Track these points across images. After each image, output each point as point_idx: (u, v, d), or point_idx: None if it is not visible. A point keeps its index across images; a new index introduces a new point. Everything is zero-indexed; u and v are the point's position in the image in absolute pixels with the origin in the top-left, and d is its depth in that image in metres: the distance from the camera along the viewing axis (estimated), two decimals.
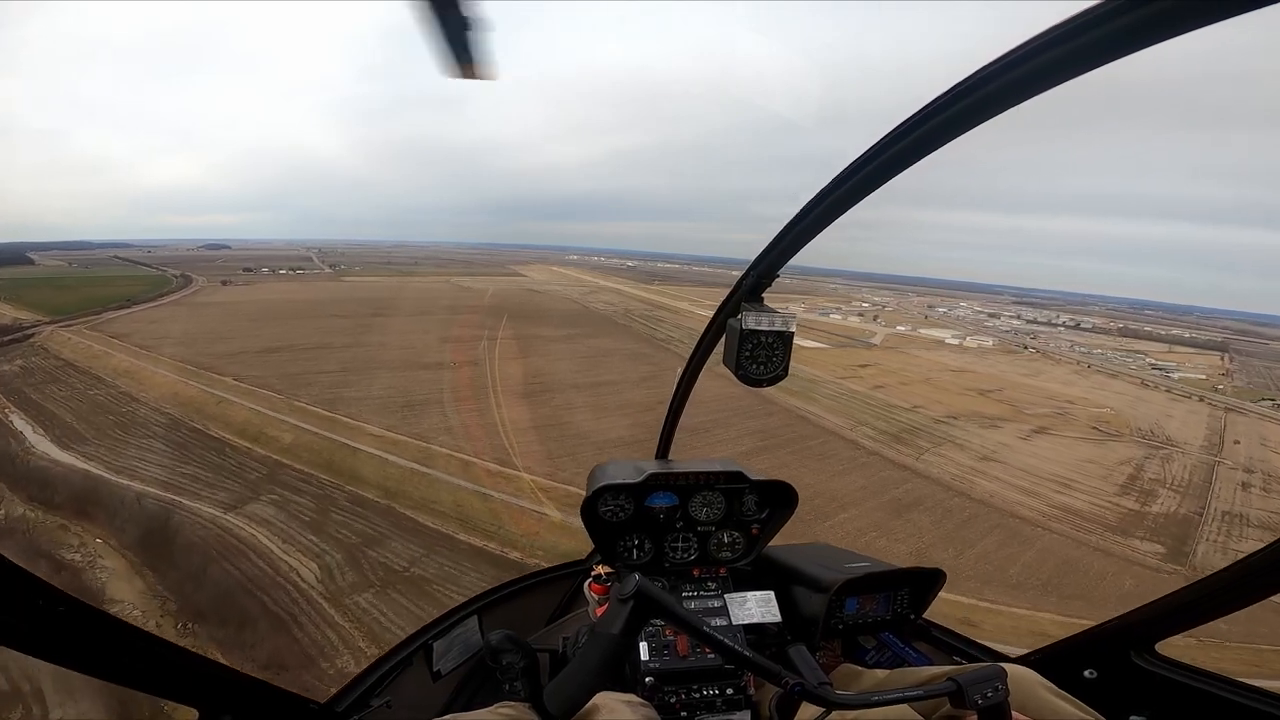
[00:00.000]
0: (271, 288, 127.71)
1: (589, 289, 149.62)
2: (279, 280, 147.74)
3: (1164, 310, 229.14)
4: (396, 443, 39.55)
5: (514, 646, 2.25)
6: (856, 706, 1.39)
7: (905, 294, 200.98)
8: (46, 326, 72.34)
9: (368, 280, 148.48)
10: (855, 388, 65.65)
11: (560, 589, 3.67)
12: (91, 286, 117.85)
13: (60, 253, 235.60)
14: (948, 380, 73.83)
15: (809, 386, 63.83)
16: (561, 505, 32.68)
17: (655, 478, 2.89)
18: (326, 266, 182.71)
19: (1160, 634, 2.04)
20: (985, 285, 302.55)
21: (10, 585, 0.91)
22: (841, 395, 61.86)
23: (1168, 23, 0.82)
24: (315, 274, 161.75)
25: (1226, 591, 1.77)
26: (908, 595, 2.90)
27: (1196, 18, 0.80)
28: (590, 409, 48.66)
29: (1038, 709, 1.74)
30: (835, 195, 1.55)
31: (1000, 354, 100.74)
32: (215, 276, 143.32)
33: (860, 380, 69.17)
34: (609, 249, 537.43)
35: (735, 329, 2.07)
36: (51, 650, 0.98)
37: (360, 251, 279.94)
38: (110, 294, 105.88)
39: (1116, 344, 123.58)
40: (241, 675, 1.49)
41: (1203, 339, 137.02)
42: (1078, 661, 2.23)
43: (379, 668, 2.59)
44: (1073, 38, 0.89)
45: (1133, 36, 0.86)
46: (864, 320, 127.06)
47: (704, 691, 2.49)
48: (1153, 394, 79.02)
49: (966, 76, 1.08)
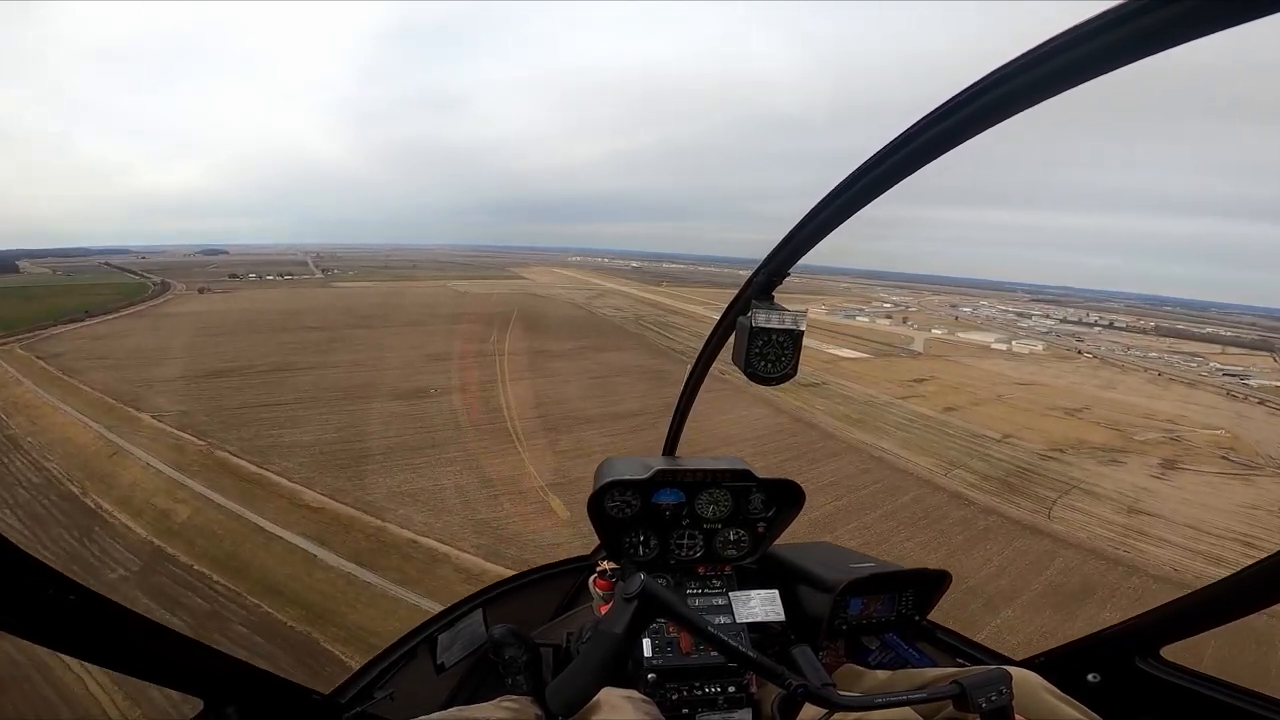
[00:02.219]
0: (252, 295, 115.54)
1: (594, 292, 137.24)
2: (263, 287, 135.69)
3: (1182, 306, 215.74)
4: (337, 521, 27.31)
5: (517, 641, 2.32)
6: (860, 708, 1.36)
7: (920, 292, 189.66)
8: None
9: (359, 286, 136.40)
10: (923, 411, 53.23)
11: (565, 584, 3.52)
12: (62, 296, 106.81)
13: (55, 260, 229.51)
14: (1021, 397, 61.41)
15: (870, 412, 51.40)
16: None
17: (662, 474, 2.80)
18: (319, 271, 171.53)
19: (1165, 639, 1.96)
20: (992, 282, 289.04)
21: (21, 574, 0.90)
22: (913, 423, 49.46)
23: (1193, 23, 0.77)
24: (305, 279, 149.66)
25: (1233, 597, 1.70)
26: (913, 597, 2.79)
27: (1222, 19, 0.76)
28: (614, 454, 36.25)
29: (1041, 713, 1.67)
30: (850, 193, 1.48)
31: (1056, 360, 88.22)
32: (200, 283, 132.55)
33: (924, 400, 56.76)
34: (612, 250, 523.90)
35: (745, 326, 1.95)
36: (61, 639, 0.98)
37: (358, 255, 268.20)
38: (74, 304, 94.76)
39: (1162, 345, 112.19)
40: (247, 666, 1.46)
41: (1246, 338, 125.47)
42: (1081, 665, 2.16)
43: (383, 660, 2.53)
44: (1094, 37, 0.86)
45: (1157, 36, 0.81)
46: (893, 323, 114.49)
47: (706, 689, 2.42)
48: (1249, 408, 66.69)
49: (985, 75, 1.05)
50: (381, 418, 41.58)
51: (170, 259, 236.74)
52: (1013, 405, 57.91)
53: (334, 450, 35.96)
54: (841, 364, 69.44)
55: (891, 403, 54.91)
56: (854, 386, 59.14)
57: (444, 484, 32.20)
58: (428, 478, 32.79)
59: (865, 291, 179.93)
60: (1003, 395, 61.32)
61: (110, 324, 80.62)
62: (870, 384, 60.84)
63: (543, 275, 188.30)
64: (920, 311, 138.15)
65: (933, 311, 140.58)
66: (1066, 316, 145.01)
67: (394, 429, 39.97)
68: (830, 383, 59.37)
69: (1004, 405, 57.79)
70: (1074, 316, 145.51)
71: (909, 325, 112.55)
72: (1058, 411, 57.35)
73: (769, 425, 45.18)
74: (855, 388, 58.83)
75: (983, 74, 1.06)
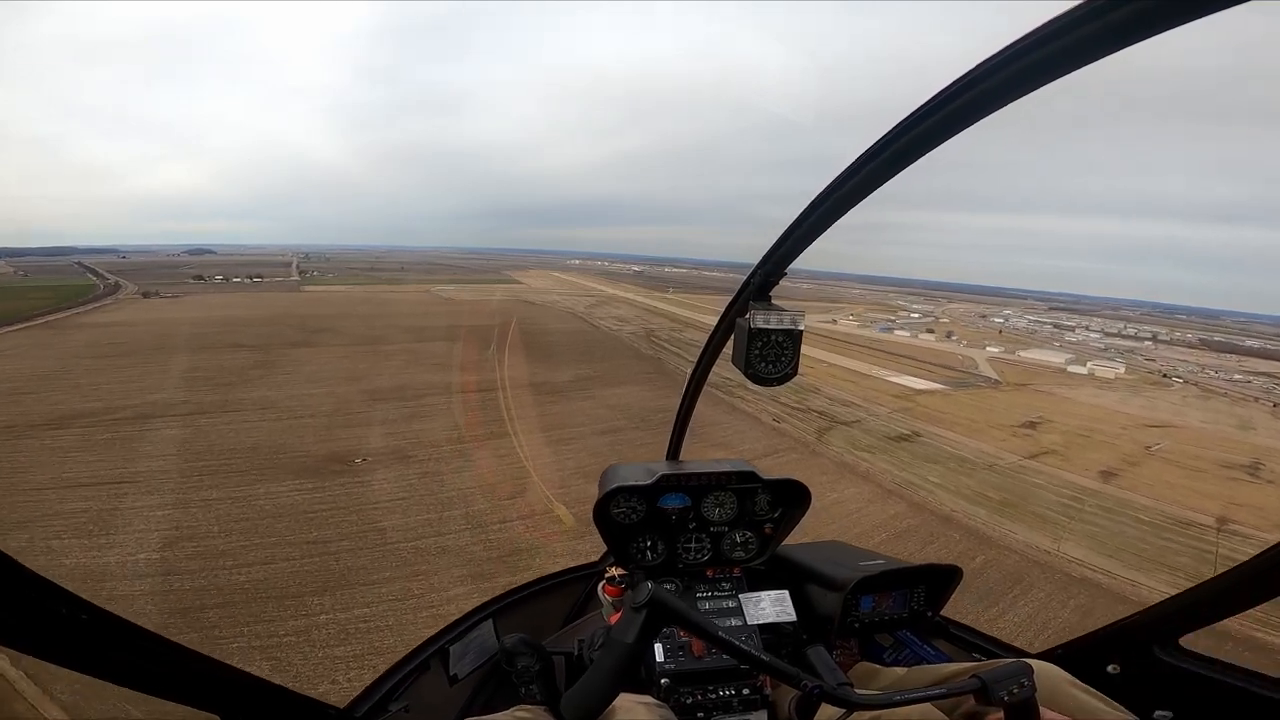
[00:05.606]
0: (204, 301, 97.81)
1: (596, 299, 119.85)
2: (224, 291, 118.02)
3: (1197, 315, 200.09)
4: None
5: (529, 650, 2.23)
6: (879, 706, 1.31)
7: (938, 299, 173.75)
8: None
9: (332, 290, 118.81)
10: (1071, 478, 36.29)
11: (574, 591, 3.40)
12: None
13: (35, 259, 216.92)
14: (1174, 450, 44.57)
15: (1007, 485, 34.30)
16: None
17: (667, 479, 2.69)
18: (297, 274, 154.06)
19: (1184, 628, 1.90)
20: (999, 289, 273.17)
21: (33, 593, 0.90)
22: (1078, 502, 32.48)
23: (1159, 18, 0.77)
24: (276, 283, 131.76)
25: (1251, 585, 1.64)
26: (924, 593, 2.71)
27: (1187, 13, 0.76)
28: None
29: (1064, 705, 1.59)
30: (840, 193, 1.48)
31: (1151, 387, 71.61)
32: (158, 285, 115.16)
33: (1060, 459, 39.82)
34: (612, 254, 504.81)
35: (744, 328, 1.91)
36: (75, 657, 0.97)
37: (348, 257, 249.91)
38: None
39: (1229, 362, 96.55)
40: (261, 681, 1.43)
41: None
42: (1100, 657, 2.10)
43: (396, 673, 2.46)
44: (1067, 33, 0.86)
45: (1125, 31, 0.82)
46: (936, 338, 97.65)
47: (720, 692, 2.34)
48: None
49: (963, 73, 1.07)
50: (253, 517, 24.33)
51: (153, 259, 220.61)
52: (1175, 464, 41.04)
53: (141, 596, 18.75)
54: (919, 400, 52.51)
55: (1022, 465, 37.94)
56: (955, 437, 42.17)
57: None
58: (297, 674, 15.51)
59: (883, 299, 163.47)
60: (1149, 447, 44.46)
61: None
62: (973, 432, 43.88)
63: (540, 279, 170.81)
64: (954, 322, 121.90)
65: (966, 322, 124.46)
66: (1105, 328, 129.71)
67: (270, 541, 22.71)
68: (924, 432, 42.41)
69: (1165, 464, 40.93)
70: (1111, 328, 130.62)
71: (956, 341, 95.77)
72: (1237, 472, 40.63)
73: (881, 517, 28.19)
74: (957, 439, 41.87)
75: (955, 76, 1.06)
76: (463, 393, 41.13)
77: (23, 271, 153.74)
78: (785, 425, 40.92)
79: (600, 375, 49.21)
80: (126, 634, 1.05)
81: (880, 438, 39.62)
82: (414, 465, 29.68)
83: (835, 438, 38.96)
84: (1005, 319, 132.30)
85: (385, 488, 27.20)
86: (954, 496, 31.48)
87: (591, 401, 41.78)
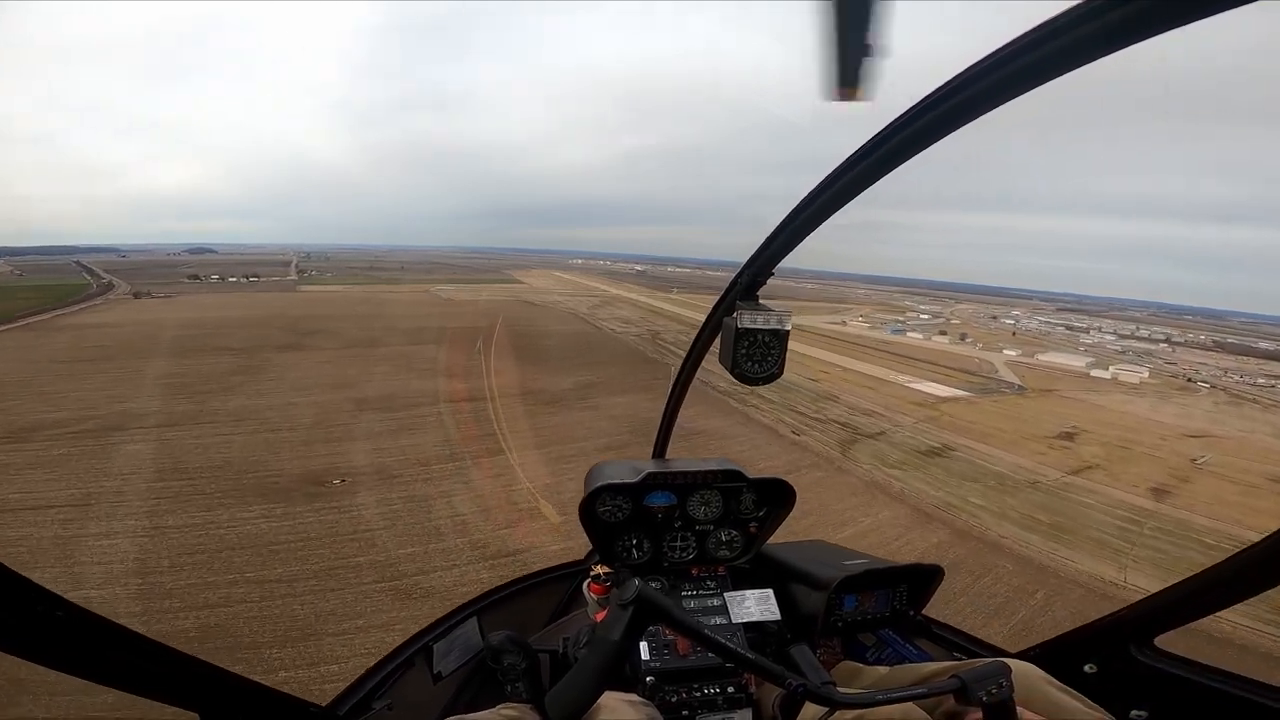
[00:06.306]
0: (196, 301, 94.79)
1: (598, 299, 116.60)
2: (219, 291, 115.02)
3: (1203, 315, 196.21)
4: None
5: (515, 647, 2.21)
6: (861, 705, 1.34)
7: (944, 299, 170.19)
8: None
9: (328, 290, 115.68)
10: (1122, 496, 32.99)
11: (559, 590, 3.33)
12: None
13: (33, 258, 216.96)
14: (1220, 462, 41.29)
15: (1053, 505, 30.98)
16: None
17: (653, 477, 2.68)
18: (295, 273, 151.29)
19: (1159, 628, 1.90)
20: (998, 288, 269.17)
21: (9, 591, 0.89)
22: (1136, 526, 29.19)
23: (1159, 18, 0.76)
24: (273, 282, 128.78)
25: (1225, 585, 1.65)
26: (906, 592, 2.70)
27: (1187, 13, 0.75)
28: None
29: (1042, 704, 1.61)
30: (829, 193, 1.47)
31: (1178, 392, 68.27)
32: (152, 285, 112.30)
33: (1106, 474, 36.51)
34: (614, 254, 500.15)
35: (731, 327, 1.90)
36: (51, 655, 0.97)
37: (348, 256, 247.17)
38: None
39: (1248, 365, 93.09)
40: (242, 679, 1.42)
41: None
42: (1077, 656, 2.09)
43: (379, 670, 2.43)
44: (1065, 32, 0.85)
45: (1124, 31, 0.80)
46: (950, 340, 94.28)
47: (705, 690, 2.33)
48: None
49: (953, 76, 1.06)
50: (211, 548, 21.16)
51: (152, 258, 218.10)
52: (1226, 479, 37.74)
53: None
54: (944, 409, 49.18)
55: (1066, 482, 34.66)
56: (989, 450, 38.88)
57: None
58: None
59: (889, 299, 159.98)
60: (1194, 459, 41.13)
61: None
62: (1006, 444, 40.60)
63: (542, 279, 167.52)
64: (965, 323, 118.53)
65: (977, 324, 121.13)
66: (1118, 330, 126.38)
67: (227, 579, 19.54)
68: (955, 445, 39.12)
69: (1215, 479, 37.64)
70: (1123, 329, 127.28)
71: (971, 344, 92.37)
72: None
73: (923, 546, 24.92)
74: (991, 452, 38.58)
75: (946, 79, 1.05)
76: (452, 401, 37.89)
77: (20, 271, 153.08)
78: (806, 438, 37.65)
79: (604, 382, 45.95)
80: (104, 632, 1.04)
81: (909, 452, 36.36)
82: (398, 487, 26.46)
83: (861, 452, 35.68)
84: (1016, 320, 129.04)
85: (364, 515, 23.98)
86: (999, 520, 28.20)
87: (594, 410, 38.53)
